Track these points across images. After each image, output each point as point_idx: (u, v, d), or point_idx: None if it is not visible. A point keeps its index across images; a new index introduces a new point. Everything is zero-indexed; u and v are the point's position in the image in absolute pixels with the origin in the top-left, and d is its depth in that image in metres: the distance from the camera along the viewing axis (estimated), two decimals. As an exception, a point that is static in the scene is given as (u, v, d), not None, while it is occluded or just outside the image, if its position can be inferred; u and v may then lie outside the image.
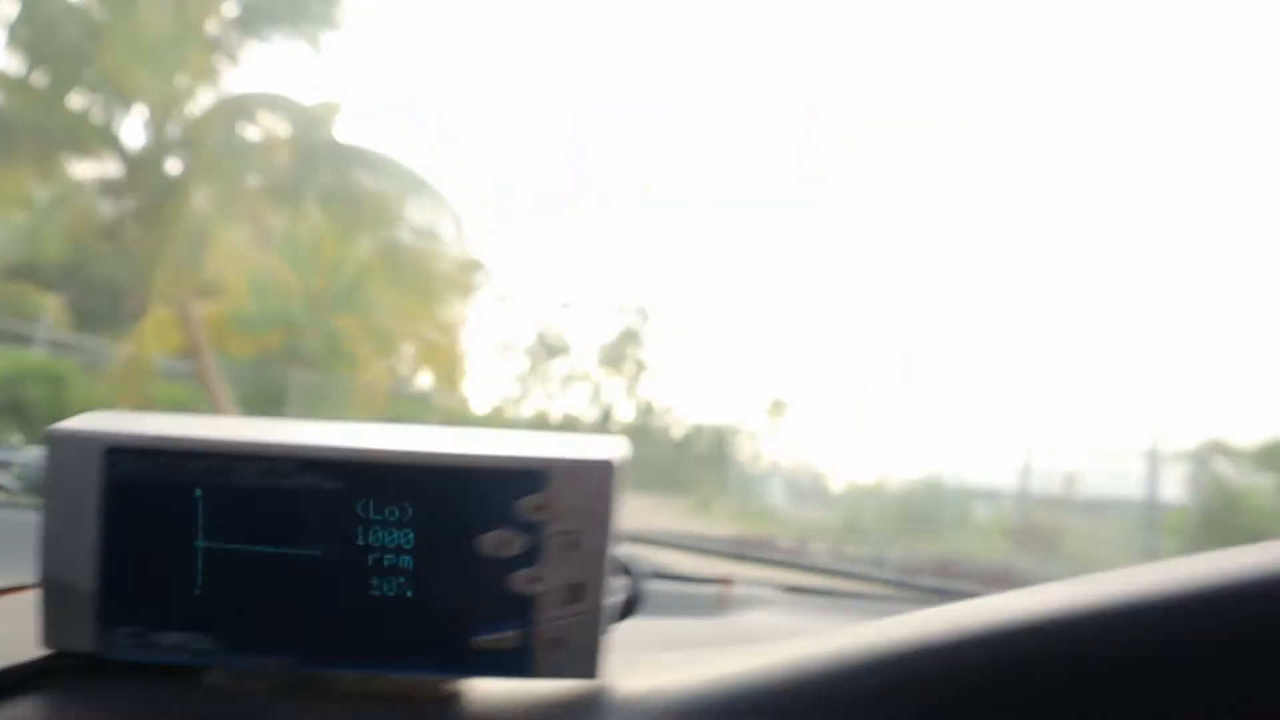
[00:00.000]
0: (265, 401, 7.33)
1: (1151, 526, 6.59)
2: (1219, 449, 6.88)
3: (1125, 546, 6.64)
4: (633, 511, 0.45)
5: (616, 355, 9.84)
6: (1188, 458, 6.83)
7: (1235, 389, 7.99)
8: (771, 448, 10.04)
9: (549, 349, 9.99)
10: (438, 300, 8.16)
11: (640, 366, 10.04)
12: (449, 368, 8.45)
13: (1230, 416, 8.21)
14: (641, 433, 9.34)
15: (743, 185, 10.17)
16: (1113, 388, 8.56)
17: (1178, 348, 9.41)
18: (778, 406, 9.61)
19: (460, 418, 8.53)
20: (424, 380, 9.09)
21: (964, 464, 7.93)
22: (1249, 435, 6.92)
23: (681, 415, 10.12)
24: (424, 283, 7.89)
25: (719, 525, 7.37)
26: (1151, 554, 5.88)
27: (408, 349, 8.42)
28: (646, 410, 9.94)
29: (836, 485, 9.62)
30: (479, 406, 9.62)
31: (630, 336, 10.04)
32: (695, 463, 9.35)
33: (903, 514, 7.95)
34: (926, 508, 8.00)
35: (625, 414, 9.92)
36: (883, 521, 7.67)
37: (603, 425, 9.47)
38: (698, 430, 9.79)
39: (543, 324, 10.02)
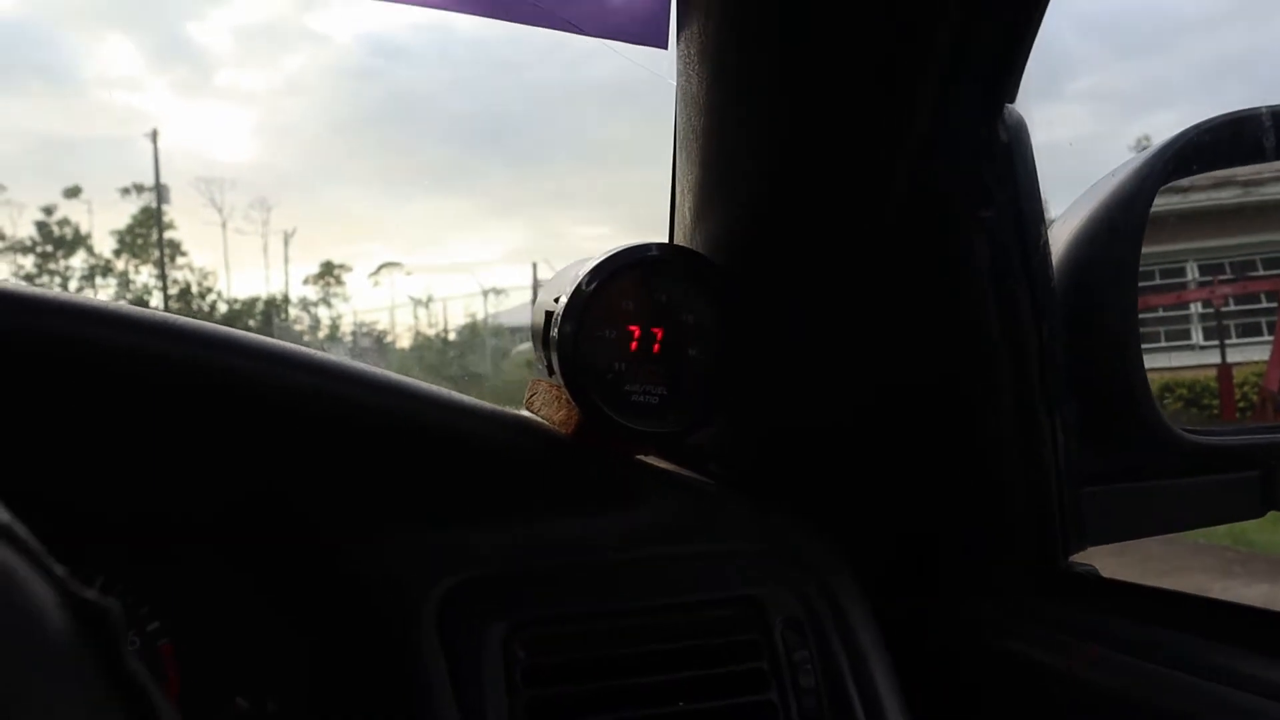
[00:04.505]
0: None
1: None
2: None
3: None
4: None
5: (140, 240, 9.60)
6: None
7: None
8: (331, 313, 10.23)
9: (57, 242, 9.76)
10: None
11: (173, 249, 9.91)
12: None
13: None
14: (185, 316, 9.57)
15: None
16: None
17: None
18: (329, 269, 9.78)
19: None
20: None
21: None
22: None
23: (227, 293, 10.10)
24: None
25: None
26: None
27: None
28: (184, 294, 9.74)
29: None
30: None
31: (150, 217, 9.92)
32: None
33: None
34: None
35: (161, 300, 9.74)
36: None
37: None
38: (248, 305, 9.67)
39: (43, 215, 9.82)
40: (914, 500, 0.68)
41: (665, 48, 0.64)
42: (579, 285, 0.61)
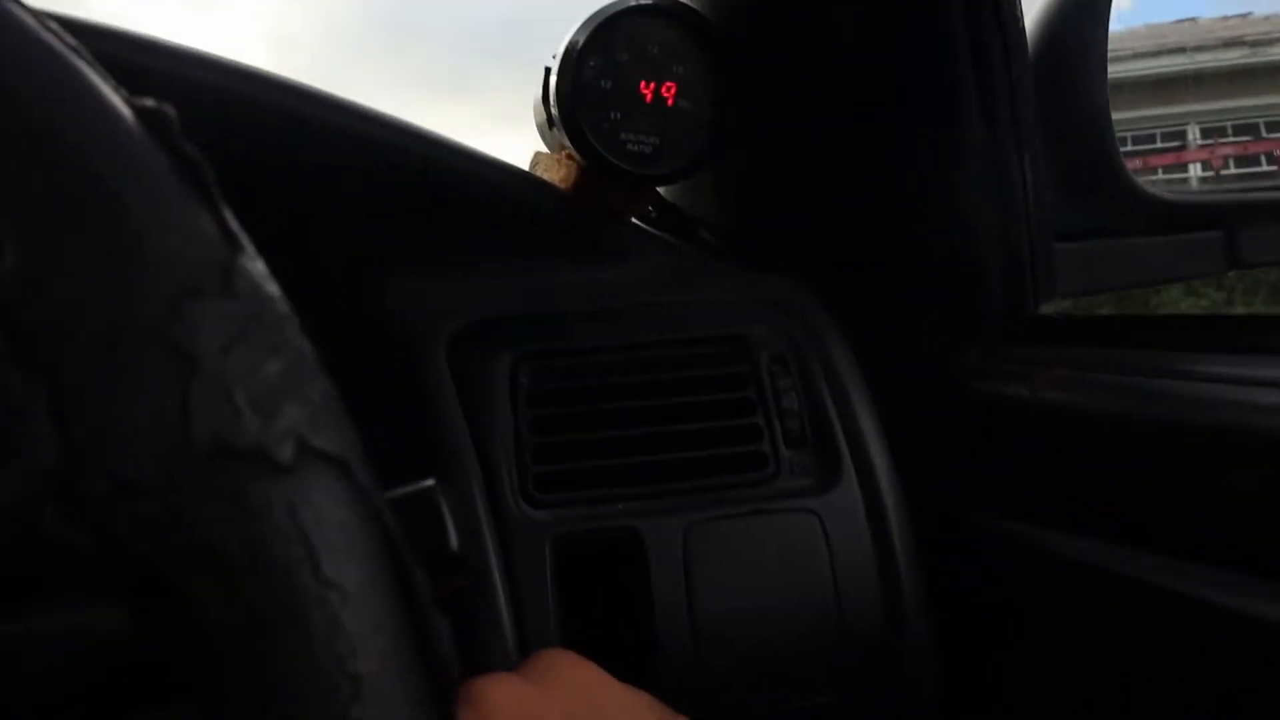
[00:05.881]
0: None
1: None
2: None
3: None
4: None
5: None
6: None
7: None
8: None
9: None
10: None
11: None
12: None
13: None
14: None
15: None
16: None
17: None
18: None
19: None
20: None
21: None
22: None
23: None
24: None
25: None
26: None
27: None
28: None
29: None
30: None
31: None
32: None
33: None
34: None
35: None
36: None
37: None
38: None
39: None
40: (893, 258, 0.72)
41: None
42: (573, 37, 0.64)
